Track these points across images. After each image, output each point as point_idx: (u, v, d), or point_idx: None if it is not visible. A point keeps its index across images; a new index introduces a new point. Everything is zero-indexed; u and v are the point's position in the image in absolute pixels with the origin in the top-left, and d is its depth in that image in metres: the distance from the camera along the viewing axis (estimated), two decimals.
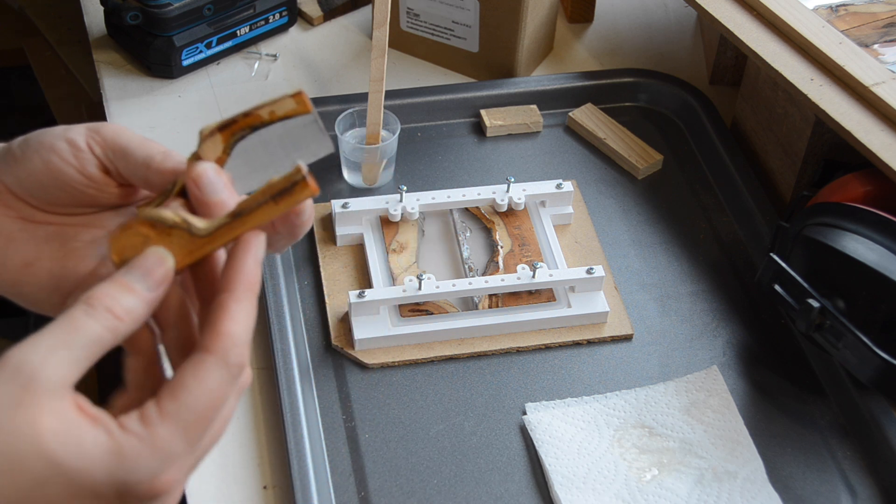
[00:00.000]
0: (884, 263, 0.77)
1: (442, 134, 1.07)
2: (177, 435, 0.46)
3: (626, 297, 0.92)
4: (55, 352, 0.45)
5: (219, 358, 0.47)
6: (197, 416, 0.47)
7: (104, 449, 0.45)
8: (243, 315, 0.48)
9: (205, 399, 0.47)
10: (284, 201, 0.52)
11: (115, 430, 0.46)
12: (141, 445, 0.46)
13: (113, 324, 0.47)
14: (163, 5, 1.06)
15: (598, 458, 0.79)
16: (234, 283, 0.49)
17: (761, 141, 1.02)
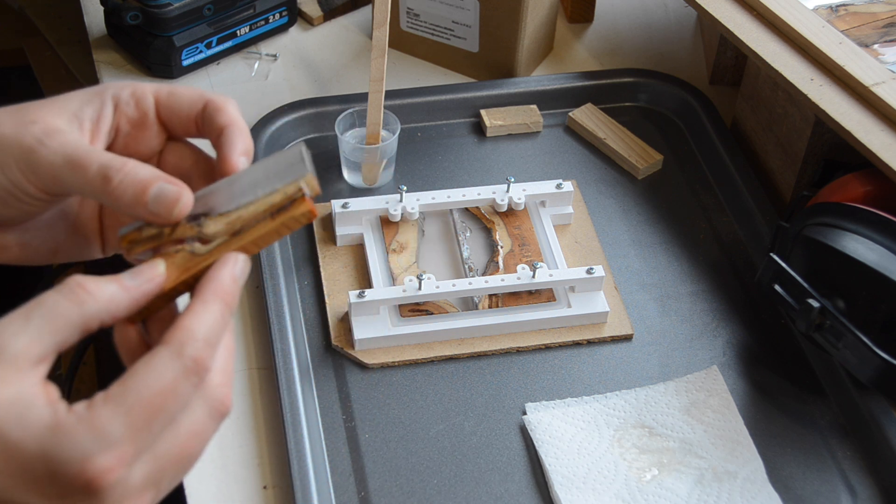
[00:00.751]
0: (884, 263, 0.77)
1: (442, 134, 1.07)
2: (116, 417, 0.45)
3: (626, 297, 0.92)
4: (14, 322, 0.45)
5: (172, 349, 0.47)
6: (140, 401, 0.45)
7: (43, 424, 0.44)
8: (208, 316, 0.48)
9: (151, 386, 0.46)
10: (281, 217, 0.52)
11: (60, 409, 0.45)
12: (77, 423, 0.45)
13: (79, 297, 0.46)
14: (163, 5, 1.06)
15: (598, 458, 0.79)
16: (203, 290, 0.49)
17: (761, 141, 1.02)
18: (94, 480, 0.44)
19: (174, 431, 0.47)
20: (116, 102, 0.55)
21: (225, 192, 0.53)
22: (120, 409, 0.45)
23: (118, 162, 0.51)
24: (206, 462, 0.79)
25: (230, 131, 0.54)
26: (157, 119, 0.56)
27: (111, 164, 0.51)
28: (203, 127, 0.56)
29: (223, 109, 0.55)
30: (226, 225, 0.52)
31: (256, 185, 0.53)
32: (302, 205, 0.51)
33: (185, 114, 0.56)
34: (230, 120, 0.55)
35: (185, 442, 0.48)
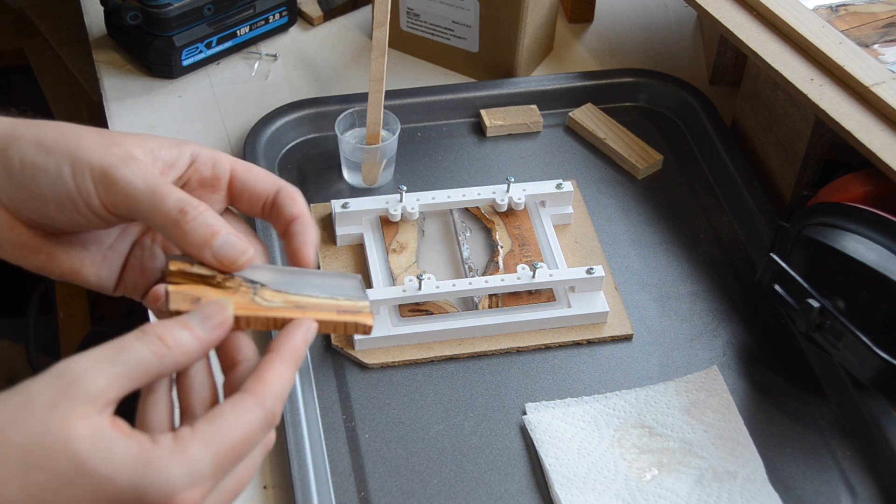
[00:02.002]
0: (884, 263, 0.77)
1: (442, 134, 1.07)
2: (207, 456, 0.48)
3: (626, 297, 0.92)
4: (99, 364, 0.47)
5: (258, 399, 0.50)
6: (228, 444, 0.49)
7: (133, 457, 0.46)
8: (286, 375, 0.52)
9: (239, 431, 0.49)
10: (345, 315, 0.56)
11: (146, 442, 0.47)
12: (170, 456, 0.47)
13: (160, 350, 0.49)
14: (163, 5, 1.06)
15: (598, 458, 0.79)
16: (282, 348, 0.53)
17: (761, 141, 1.02)
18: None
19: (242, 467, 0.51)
20: (194, 159, 0.58)
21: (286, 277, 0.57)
22: (209, 448, 0.48)
23: (195, 201, 0.54)
24: None
25: (303, 223, 0.58)
26: (227, 188, 0.59)
27: (189, 200, 0.54)
28: (272, 212, 0.59)
29: (296, 200, 0.59)
30: (284, 301, 0.55)
31: (317, 288, 0.57)
32: (368, 317, 0.56)
33: (258, 194, 0.59)
34: (301, 212, 0.58)
35: (242, 475, 0.52)
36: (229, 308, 0.53)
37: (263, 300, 0.55)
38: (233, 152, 1.03)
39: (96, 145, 0.54)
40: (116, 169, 0.54)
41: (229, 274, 0.55)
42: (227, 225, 0.55)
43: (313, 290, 0.57)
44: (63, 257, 0.59)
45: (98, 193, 0.54)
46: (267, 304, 0.54)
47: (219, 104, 1.09)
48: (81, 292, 1.48)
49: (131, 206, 0.54)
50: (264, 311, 0.54)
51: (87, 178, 0.54)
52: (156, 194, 0.54)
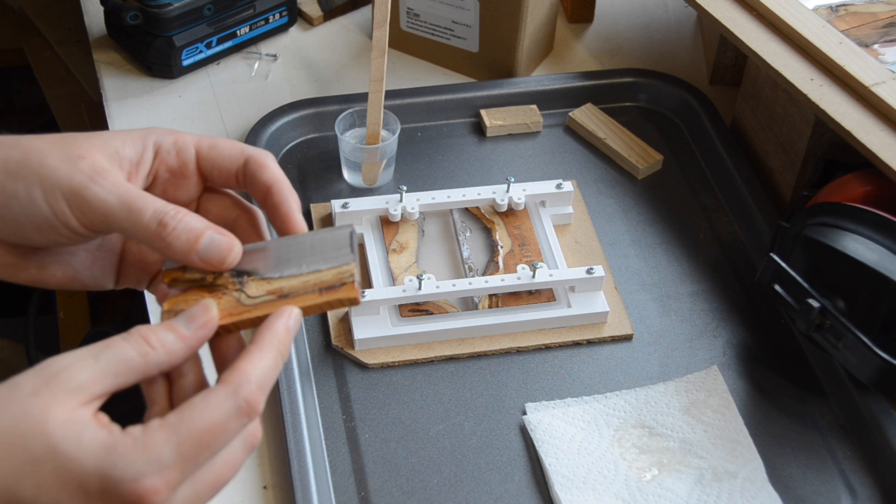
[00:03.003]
0: (884, 263, 0.77)
1: (442, 134, 1.07)
2: (169, 444, 0.48)
3: (626, 297, 0.92)
4: (83, 360, 0.49)
5: (229, 388, 0.50)
6: (193, 432, 0.49)
7: (99, 443, 0.48)
8: (264, 362, 0.51)
9: (205, 419, 0.49)
10: (328, 294, 0.55)
11: (116, 431, 0.48)
12: (133, 444, 0.48)
13: (144, 349, 0.50)
14: (163, 5, 1.06)
15: (598, 458, 0.79)
16: (261, 338, 0.52)
17: (761, 141, 1.02)
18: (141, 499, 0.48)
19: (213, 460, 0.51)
20: (157, 149, 0.58)
21: (271, 256, 0.56)
22: (173, 437, 0.49)
23: (172, 209, 0.54)
24: None
25: (280, 188, 0.57)
26: (196, 170, 0.59)
27: (166, 210, 0.54)
28: (245, 182, 0.58)
29: (266, 166, 0.58)
30: (267, 291, 0.55)
31: (302, 259, 0.56)
32: (351, 290, 0.55)
33: (227, 168, 0.58)
34: (275, 177, 0.58)
35: (220, 469, 0.51)
36: (213, 308, 0.53)
37: (248, 297, 0.55)
38: None
39: (62, 164, 0.54)
40: (87, 189, 0.53)
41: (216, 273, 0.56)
42: (208, 224, 0.55)
43: (300, 263, 0.56)
44: (54, 268, 0.59)
45: (74, 214, 0.54)
46: (251, 303, 0.55)
47: (219, 104, 1.09)
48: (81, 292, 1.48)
49: (109, 224, 0.54)
50: (249, 313, 0.54)
51: (60, 200, 0.54)
52: (132, 209, 0.54)
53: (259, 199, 0.58)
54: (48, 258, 0.59)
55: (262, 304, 0.55)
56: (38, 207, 0.54)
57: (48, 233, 0.55)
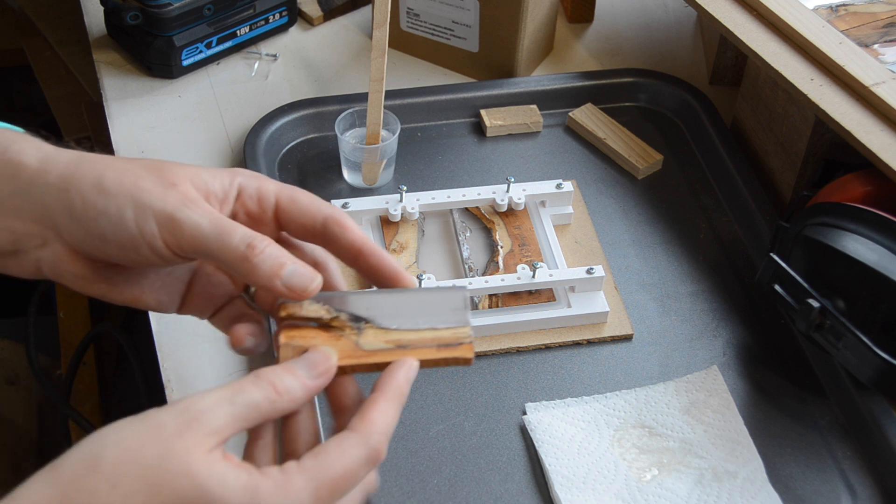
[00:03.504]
0: (884, 263, 0.77)
1: (442, 134, 1.07)
2: (308, 489, 0.51)
3: (626, 297, 0.92)
4: (220, 404, 0.52)
5: (361, 437, 0.53)
6: (330, 479, 0.52)
7: (242, 484, 0.50)
8: (389, 413, 0.55)
9: (341, 466, 0.52)
10: (445, 352, 0.57)
11: (254, 473, 0.51)
12: (275, 487, 0.51)
13: (272, 395, 0.53)
14: (163, 5, 1.06)
15: (598, 458, 0.79)
16: (386, 387, 0.55)
17: (761, 141, 1.02)
18: None
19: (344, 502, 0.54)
20: (241, 191, 0.60)
21: (388, 307, 0.59)
22: (311, 482, 0.52)
23: (259, 236, 0.57)
24: None
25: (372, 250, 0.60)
26: (273, 218, 0.60)
27: (255, 235, 0.57)
28: (326, 241, 0.60)
29: (348, 227, 0.60)
30: (385, 341, 0.57)
31: (419, 314, 0.58)
32: (469, 350, 0.57)
33: (304, 224, 0.60)
34: (362, 240, 0.60)
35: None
36: (333, 357, 0.56)
37: (367, 342, 0.57)
38: (233, 152, 1.03)
39: (156, 188, 0.56)
40: (180, 212, 0.56)
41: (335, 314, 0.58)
42: (292, 256, 0.57)
43: (416, 318, 0.58)
44: (122, 287, 0.61)
45: (163, 236, 0.56)
46: (369, 348, 0.57)
47: (219, 104, 1.09)
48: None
49: (198, 247, 0.56)
50: (367, 358, 0.56)
51: (152, 222, 0.56)
52: (222, 232, 0.56)
53: (347, 259, 0.60)
54: (119, 276, 0.61)
55: (381, 352, 0.57)
56: (126, 226, 0.56)
57: (130, 252, 0.57)
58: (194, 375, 0.84)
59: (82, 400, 1.35)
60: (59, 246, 0.59)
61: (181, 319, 0.88)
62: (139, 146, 1.03)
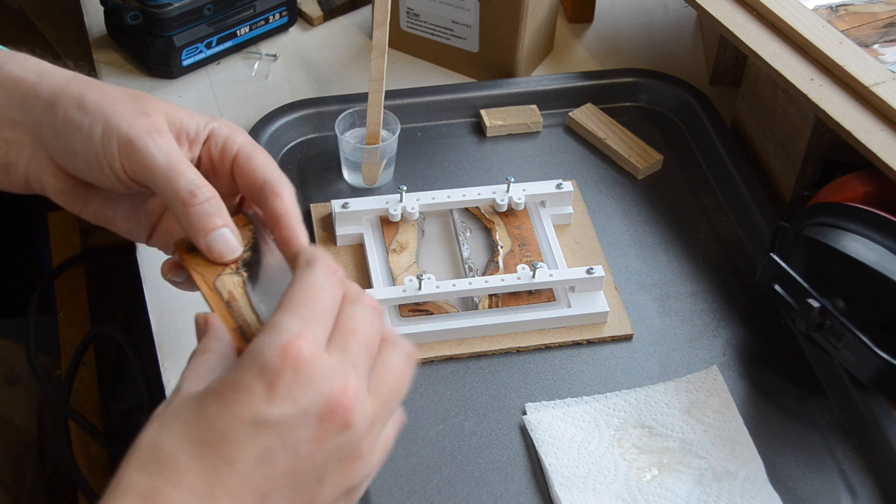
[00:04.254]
0: (884, 263, 0.77)
1: (442, 134, 1.07)
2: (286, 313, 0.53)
3: (626, 297, 0.92)
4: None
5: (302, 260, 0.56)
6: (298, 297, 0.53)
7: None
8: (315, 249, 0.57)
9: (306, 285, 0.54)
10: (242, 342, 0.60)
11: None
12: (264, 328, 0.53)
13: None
14: (163, 5, 1.06)
15: (598, 458, 0.79)
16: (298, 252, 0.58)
17: (761, 141, 1.02)
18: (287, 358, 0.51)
19: (341, 322, 0.54)
20: (210, 136, 0.62)
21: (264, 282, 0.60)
22: (282, 312, 0.53)
23: (207, 187, 0.58)
24: None
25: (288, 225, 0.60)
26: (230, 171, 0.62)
27: (201, 185, 0.58)
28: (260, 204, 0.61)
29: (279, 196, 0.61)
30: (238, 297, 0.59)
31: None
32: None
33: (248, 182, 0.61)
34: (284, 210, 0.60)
35: (353, 327, 0.54)
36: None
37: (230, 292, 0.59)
38: None
39: (129, 113, 0.59)
40: (141, 139, 0.58)
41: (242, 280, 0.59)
42: (229, 219, 0.59)
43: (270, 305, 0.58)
44: (96, 206, 0.65)
45: (121, 159, 0.59)
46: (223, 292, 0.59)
47: (219, 104, 1.09)
48: (81, 292, 1.48)
49: (147, 177, 0.59)
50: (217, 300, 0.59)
51: (114, 142, 0.59)
52: (172, 170, 0.58)
53: (269, 225, 0.61)
54: (95, 196, 0.64)
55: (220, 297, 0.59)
56: (93, 143, 0.59)
57: (95, 170, 0.60)
58: None
59: (82, 400, 1.34)
60: (44, 159, 0.62)
61: (181, 319, 0.88)
62: None
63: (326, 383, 0.52)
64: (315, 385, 0.51)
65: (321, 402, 0.51)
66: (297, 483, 0.52)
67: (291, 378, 0.51)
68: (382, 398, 0.56)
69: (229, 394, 0.51)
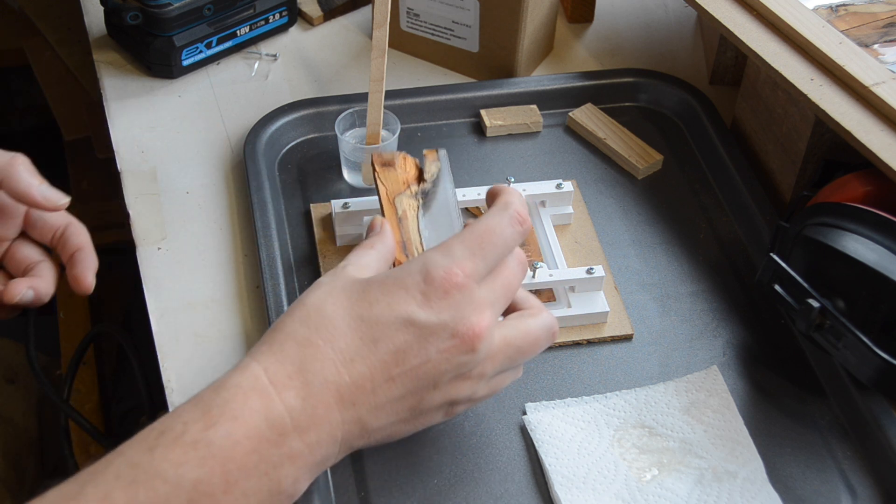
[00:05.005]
0: (884, 263, 0.77)
1: (442, 134, 1.07)
2: (458, 244, 0.67)
3: (626, 297, 0.92)
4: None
5: (499, 206, 0.70)
6: (475, 233, 0.67)
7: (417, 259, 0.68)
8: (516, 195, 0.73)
9: (484, 224, 0.68)
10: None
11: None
12: (435, 250, 0.67)
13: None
14: (163, 5, 1.06)
15: (598, 458, 0.79)
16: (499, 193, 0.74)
17: (761, 141, 1.02)
18: (449, 281, 0.65)
19: (499, 269, 0.68)
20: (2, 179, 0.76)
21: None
22: (459, 240, 0.67)
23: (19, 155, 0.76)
24: None
25: (86, 253, 0.78)
26: (24, 216, 0.78)
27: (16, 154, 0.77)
28: (59, 242, 0.77)
29: (81, 233, 0.78)
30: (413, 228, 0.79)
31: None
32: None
33: (50, 226, 0.78)
34: (86, 243, 0.78)
35: (506, 276, 0.69)
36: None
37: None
38: (233, 152, 1.03)
39: None
40: None
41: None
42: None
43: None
44: None
45: None
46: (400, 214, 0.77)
47: (219, 104, 1.09)
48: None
49: None
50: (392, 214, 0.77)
51: None
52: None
53: (65, 257, 0.77)
54: None
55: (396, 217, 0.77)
56: None
57: None
58: (194, 375, 0.84)
59: (82, 400, 1.35)
60: None
61: (181, 319, 0.88)
62: (139, 146, 1.04)
63: (469, 310, 0.65)
64: (461, 308, 0.64)
65: (460, 322, 0.64)
66: (419, 378, 0.65)
67: (443, 296, 0.64)
68: (510, 346, 0.69)
69: (393, 288, 0.64)
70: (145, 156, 1.03)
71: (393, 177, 0.76)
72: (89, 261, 0.77)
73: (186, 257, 0.93)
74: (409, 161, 0.81)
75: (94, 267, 0.76)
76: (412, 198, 0.75)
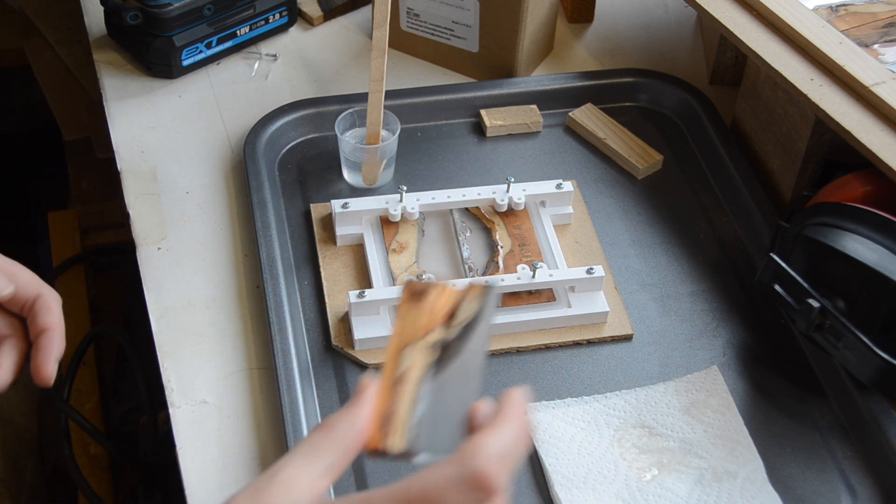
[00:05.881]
0: (884, 263, 0.77)
1: (442, 134, 1.07)
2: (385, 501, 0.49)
3: (626, 297, 0.92)
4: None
5: (457, 458, 0.49)
6: (409, 493, 0.48)
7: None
8: (504, 435, 0.50)
9: (423, 483, 0.48)
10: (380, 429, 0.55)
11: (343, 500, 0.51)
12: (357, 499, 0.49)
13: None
14: (163, 5, 1.06)
15: (598, 458, 0.79)
16: (505, 407, 0.53)
17: (761, 141, 1.02)
18: None
19: None
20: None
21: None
22: (389, 497, 0.48)
23: None
24: (206, 462, 0.79)
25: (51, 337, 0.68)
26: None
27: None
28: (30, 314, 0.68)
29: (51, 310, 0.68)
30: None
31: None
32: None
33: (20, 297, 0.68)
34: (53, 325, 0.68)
35: None
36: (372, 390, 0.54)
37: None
38: (233, 152, 1.03)
39: None
40: None
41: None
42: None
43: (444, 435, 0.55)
44: None
45: None
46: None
47: (219, 104, 1.09)
48: (81, 292, 1.48)
49: None
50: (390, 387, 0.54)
51: None
52: None
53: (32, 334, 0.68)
54: None
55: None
56: None
57: None
58: (194, 375, 0.84)
59: (82, 400, 1.35)
60: None
61: (181, 319, 0.88)
62: (139, 146, 1.04)
63: None
64: None
65: None
66: None
67: None
68: None
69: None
70: (145, 156, 1.03)
71: (415, 316, 0.58)
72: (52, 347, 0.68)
73: (186, 257, 0.93)
74: (446, 295, 0.60)
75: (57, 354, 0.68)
76: (426, 350, 0.57)
